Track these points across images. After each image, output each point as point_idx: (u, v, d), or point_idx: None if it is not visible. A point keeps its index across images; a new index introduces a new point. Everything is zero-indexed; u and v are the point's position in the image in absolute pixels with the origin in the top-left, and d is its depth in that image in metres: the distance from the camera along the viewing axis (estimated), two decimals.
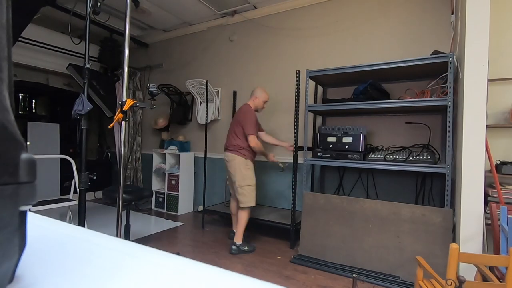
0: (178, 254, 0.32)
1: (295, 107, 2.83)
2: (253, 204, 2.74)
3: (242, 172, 2.74)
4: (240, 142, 2.76)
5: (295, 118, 2.84)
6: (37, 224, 0.40)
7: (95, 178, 4.91)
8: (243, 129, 2.73)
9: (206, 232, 3.32)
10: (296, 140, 2.86)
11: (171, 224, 3.69)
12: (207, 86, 3.60)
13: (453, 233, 2.09)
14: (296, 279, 2.24)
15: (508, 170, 2.18)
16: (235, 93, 3.96)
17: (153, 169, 4.52)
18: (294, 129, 2.83)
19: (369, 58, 3.00)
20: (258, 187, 3.77)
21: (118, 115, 1.70)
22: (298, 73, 2.82)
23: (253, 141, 2.70)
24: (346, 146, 2.59)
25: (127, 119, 1.74)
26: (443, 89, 2.39)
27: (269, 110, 3.68)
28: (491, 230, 1.84)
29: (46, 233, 0.38)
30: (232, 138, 2.81)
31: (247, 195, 2.71)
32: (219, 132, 4.05)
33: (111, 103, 4.38)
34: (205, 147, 3.59)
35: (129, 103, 1.70)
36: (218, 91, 4.06)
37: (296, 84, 2.82)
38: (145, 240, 3.07)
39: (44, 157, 3.65)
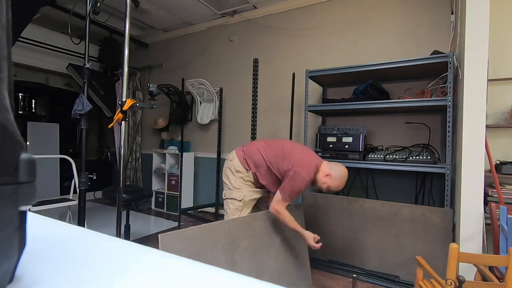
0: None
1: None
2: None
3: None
4: (258, 157, 1.90)
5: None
6: (37, 224, 0.40)
7: (95, 178, 4.91)
8: (280, 176, 1.87)
9: None
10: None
11: (171, 224, 3.69)
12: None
13: (453, 233, 2.09)
14: None
15: (508, 170, 2.18)
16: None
17: (153, 169, 4.52)
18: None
19: (369, 58, 3.00)
20: None
21: (118, 115, 1.70)
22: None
23: (279, 207, 1.80)
24: (346, 146, 2.59)
25: (127, 119, 1.74)
26: (443, 89, 2.39)
27: (269, 110, 3.68)
28: (491, 230, 1.84)
29: (46, 233, 0.38)
30: (259, 150, 1.92)
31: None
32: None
33: (111, 103, 4.38)
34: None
35: (129, 103, 1.70)
36: (218, 91, 4.06)
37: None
38: (145, 240, 3.07)
39: (44, 157, 3.64)
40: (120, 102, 1.70)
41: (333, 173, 1.85)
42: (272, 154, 1.90)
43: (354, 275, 1.86)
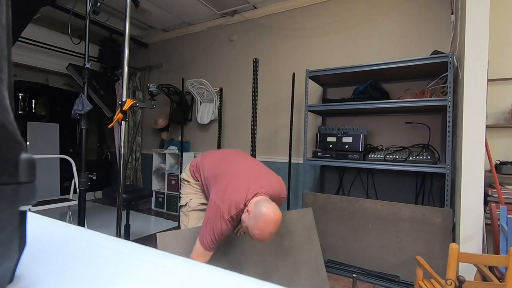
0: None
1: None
2: None
3: None
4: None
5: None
6: (37, 224, 0.40)
7: (95, 178, 4.90)
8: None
9: None
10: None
11: (171, 224, 3.69)
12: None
13: (453, 233, 2.09)
14: None
15: (508, 170, 2.18)
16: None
17: (153, 169, 4.52)
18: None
19: (369, 58, 3.00)
20: None
21: (118, 115, 1.70)
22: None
23: (201, 259, 1.38)
24: (346, 146, 2.59)
25: (127, 119, 1.74)
26: (443, 89, 2.39)
27: (269, 110, 3.68)
28: (491, 230, 1.84)
29: (46, 233, 0.38)
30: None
31: None
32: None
33: (111, 103, 4.37)
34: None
35: (129, 103, 1.70)
36: (218, 91, 4.06)
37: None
38: (145, 240, 3.07)
39: (44, 157, 3.64)
40: (120, 102, 1.70)
41: (253, 210, 1.29)
42: (211, 170, 1.58)
43: (354, 275, 1.86)
